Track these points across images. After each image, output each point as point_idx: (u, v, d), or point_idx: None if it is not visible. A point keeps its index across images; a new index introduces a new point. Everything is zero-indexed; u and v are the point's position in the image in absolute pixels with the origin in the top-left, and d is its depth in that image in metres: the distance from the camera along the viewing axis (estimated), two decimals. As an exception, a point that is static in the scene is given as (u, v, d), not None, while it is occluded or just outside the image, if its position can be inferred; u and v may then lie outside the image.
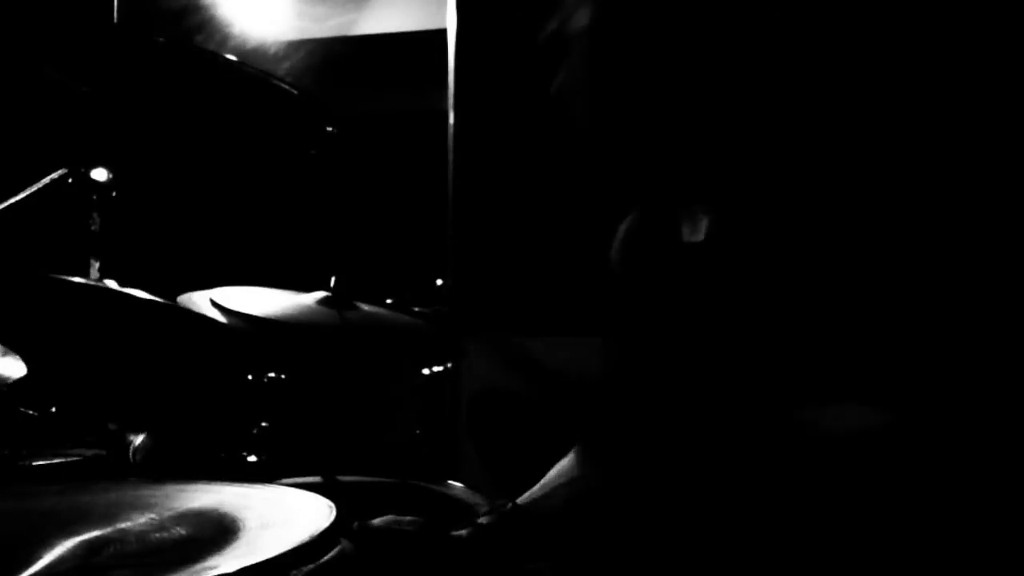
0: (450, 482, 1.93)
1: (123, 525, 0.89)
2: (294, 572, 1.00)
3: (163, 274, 1.99)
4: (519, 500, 1.31)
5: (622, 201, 1.39)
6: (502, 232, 2.50)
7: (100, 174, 1.91)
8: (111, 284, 1.83)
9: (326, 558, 1.03)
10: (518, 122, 2.48)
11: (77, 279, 1.79)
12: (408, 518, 1.18)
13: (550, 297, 2.45)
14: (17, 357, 1.45)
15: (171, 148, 2.72)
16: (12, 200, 1.81)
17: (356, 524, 1.14)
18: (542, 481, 1.36)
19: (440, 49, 2.56)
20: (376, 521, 1.17)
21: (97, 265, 1.86)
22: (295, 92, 2.10)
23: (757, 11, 1.08)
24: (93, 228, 1.89)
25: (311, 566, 1.01)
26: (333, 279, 1.95)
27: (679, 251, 1.22)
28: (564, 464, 1.39)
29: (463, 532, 1.22)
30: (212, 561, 0.80)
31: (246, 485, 1.04)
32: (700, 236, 1.19)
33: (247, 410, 2.08)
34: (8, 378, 1.34)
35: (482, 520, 1.26)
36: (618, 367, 1.38)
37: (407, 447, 2.43)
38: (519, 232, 2.49)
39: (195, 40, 3.14)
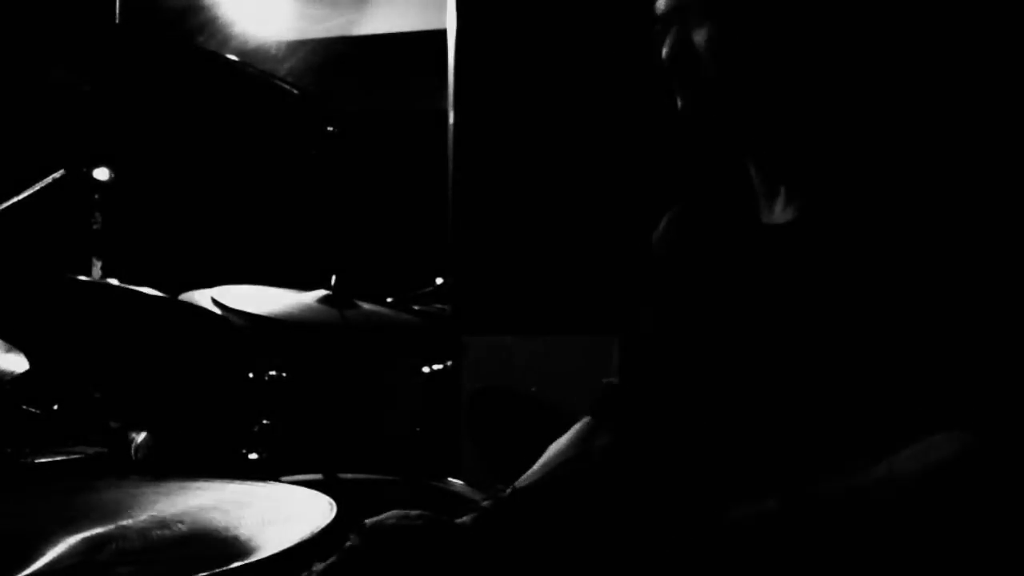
0: (450, 479, 1.94)
1: (125, 522, 0.90)
2: (305, 574, 1.00)
3: (165, 273, 2.00)
4: (517, 483, 1.31)
5: (641, 203, 1.38)
6: (502, 231, 2.51)
7: (102, 173, 1.92)
8: (114, 283, 1.84)
9: (334, 559, 1.04)
10: (518, 122, 2.48)
11: (80, 277, 1.79)
12: (415, 512, 1.19)
13: (550, 296, 2.46)
14: (19, 353, 1.46)
15: (173, 147, 2.72)
16: (15, 199, 1.81)
17: (365, 521, 1.15)
18: (540, 461, 1.35)
19: (440, 49, 2.57)
20: (383, 517, 1.17)
21: (99, 264, 1.86)
22: (296, 92, 2.11)
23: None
24: (95, 227, 1.90)
25: (322, 565, 1.02)
26: (334, 278, 1.96)
27: (757, 232, 1.20)
28: (562, 441, 1.38)
29: (466, 519, 1.22)
30: (213, 558, 0.80)
31: (247, 483, 1.04)
32: (785, 218, 1.17)
33: (248, 408, 2.09)
34: (10, 373, 1.35)
35: (484, 504, 1.26)
36: (642, 347, 1.35)
37: (407, 445, 2.44)
38: (519, 231, 2.49)
39: (197, 41, 3.14)
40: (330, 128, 2.09)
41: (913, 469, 0.98)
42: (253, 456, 1.98)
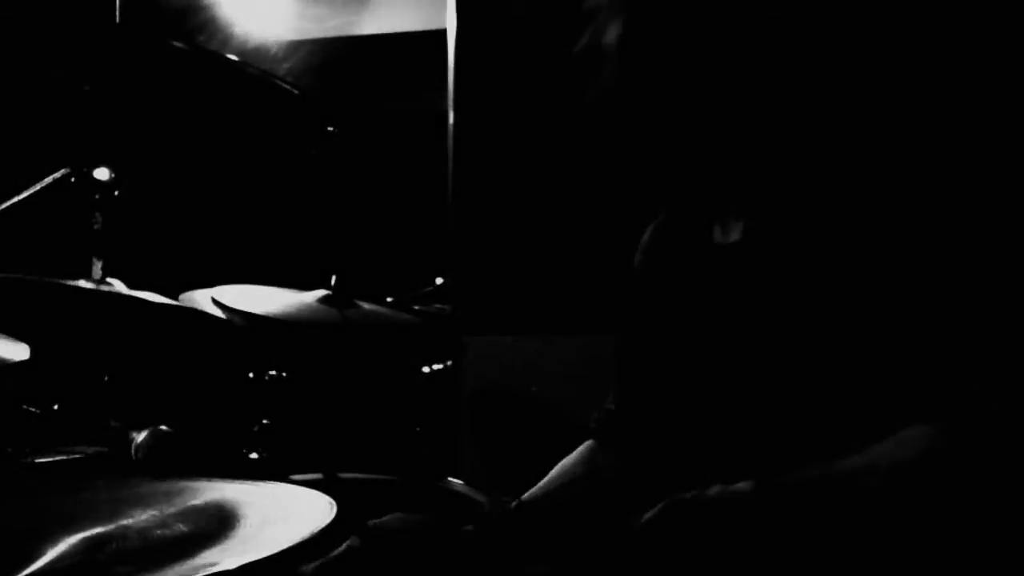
0: (450, 479, 1.94)
1: (125, 521, 0.90)
2: (304, 568, 1.01)
3: (165, 273, 2.00)
4: (524, 497, 1.32)
5: (639, 203, 1.39)
6: (502, 231, 2.51)
7: (102, 173, 1.92)
8: (115, 283, 1.84)
9: (335, 552, 1.04)
10: (518, 122, 2.49)
11: (80, 282, 1.80)
12: (416, 516, 1.19)
13: (550, 296, 2.46)
14: (21, 343, 1.46)
15: (173, 147, 2.72)
16: (15, 199, 1.81)
17: (367, 522, 1.15)
18: (546, 478, 1.37)
19: (440, 49, 2.57)
20: (384, 519, 1.18)
21: (100, 264, 1.86)
22: (296, 92, 2.11)
23: (784, 18, 1.09)
24: (95, 227, 1.90)
25: (321, 560, 1.02)
26: (334, 278, 1.96)
27: (709, 252, 1.22)
28: (568, 462, 1.40)
29: (469, 528, 1.23)
30: (213, 557, 0.81)
31: (247, 482, 1.04)
32: (733, 238, 1.19)
33: (248, 408, 2.09)
34: (10, 360, 1.35)
35: (489, 514, 1.27)
36: (631, 370, 1.38)
37: (407, 445, 2.44)
38: (519, 231, 2.49)
39: (197, 40, 3.14)
40: (330, 128, 2.09)
41: (890, 458, 0.99)
42: (253, 456, 1.98)
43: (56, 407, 1.73)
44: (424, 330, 2.25)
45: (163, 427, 1.67)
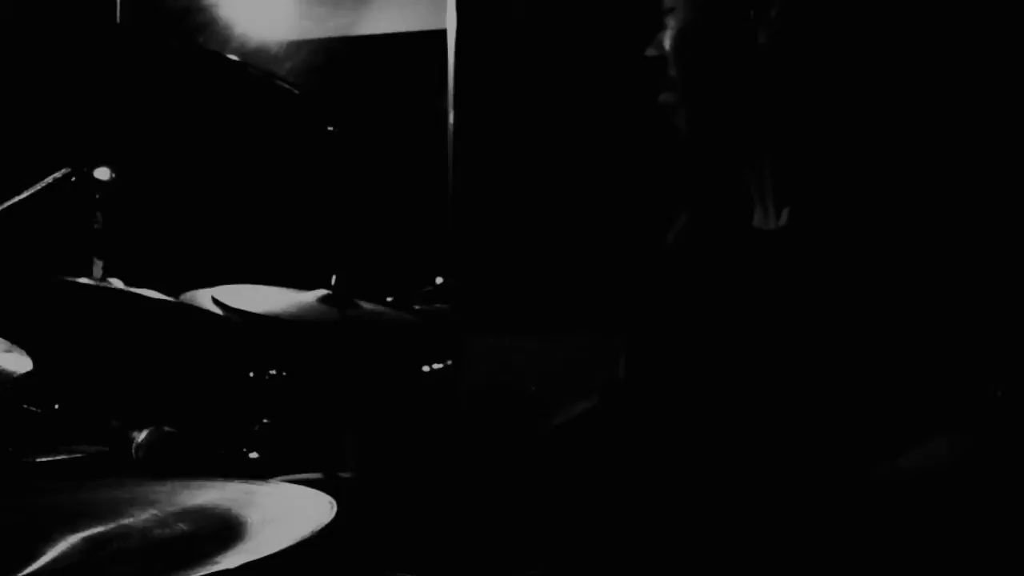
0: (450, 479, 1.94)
1: (125, 521, 0.90)
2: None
3: (166, 273, 2.00)
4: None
5: (640, 202, 1.41)
6: (502, 230, 2.51)
7: (103, 173, 1.92)
8: (115, 283, 1.84)
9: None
10: (518, 122, 2.49)
11: (81, 279, 1.80)
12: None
13: (550, 295, 2.46)
14: (22, 352, 1.46)
15: (174, 147, 2.73)
16: (16, 199, 1.82)
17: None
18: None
19: (440, 49, 2.57)
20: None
21: (100, 264, 1.87)
22: (296, 92, 2.11)
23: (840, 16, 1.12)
24: (96, 227, 1.90)
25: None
26: (334, 277, 1.96)
27: (749, 237, 1.22)
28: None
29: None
30: (214, 557, 0.81)
31: (248, 482, 1.04)
32: (777, 224, 1.20)
33: (248, 407, 2.09)
34: (13, 373, 1.35)
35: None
36: (649, 345, 1.38)
37: (405, 444, 2.44)
38: (519, 230, 2.49)
39: (197, 41, 3.14)
40: (330, 128, 2.10)
41: (914, 469, 0.99)
42: (253, 455, 1.98)
43: (56, 407, 1.73)
44: (424, 330, 2.25)
45: (163, 427, 1.67)
